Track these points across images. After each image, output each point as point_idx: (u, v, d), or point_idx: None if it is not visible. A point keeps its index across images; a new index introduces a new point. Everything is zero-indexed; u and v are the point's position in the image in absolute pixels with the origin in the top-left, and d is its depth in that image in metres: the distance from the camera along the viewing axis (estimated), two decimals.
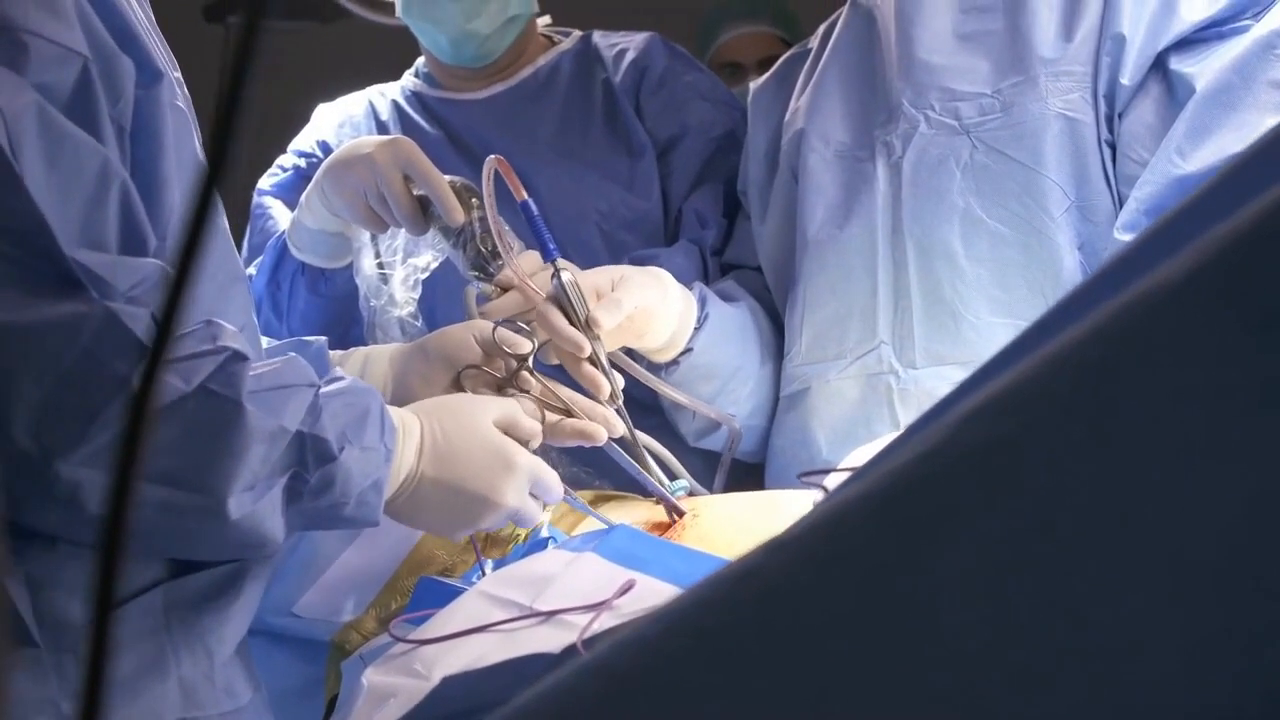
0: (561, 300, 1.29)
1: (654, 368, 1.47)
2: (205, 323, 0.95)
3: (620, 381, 1.31)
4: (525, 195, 1.32)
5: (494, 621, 0.96)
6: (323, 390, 1.01)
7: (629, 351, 1.44)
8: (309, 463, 0.97)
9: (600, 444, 1.25)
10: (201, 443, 0.91)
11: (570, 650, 0.89)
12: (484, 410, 1.14)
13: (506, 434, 1.15)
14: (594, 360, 1.29)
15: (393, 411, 1.08)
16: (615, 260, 1.58)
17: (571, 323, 1.28)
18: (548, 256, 1.31)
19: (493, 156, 1.35)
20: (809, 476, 1.24)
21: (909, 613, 0.45)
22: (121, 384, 0.87)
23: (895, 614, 0.45)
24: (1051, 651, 0.44)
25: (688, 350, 1.45)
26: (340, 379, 1.06)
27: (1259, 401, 0.42)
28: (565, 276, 1.29)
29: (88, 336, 0.86)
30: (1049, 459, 0.44)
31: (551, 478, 1.16)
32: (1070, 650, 0.43)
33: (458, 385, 1.27)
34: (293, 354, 1.03)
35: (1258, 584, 0.42)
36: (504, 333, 1.27)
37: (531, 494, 1.15)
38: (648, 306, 1.36)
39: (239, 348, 0.94)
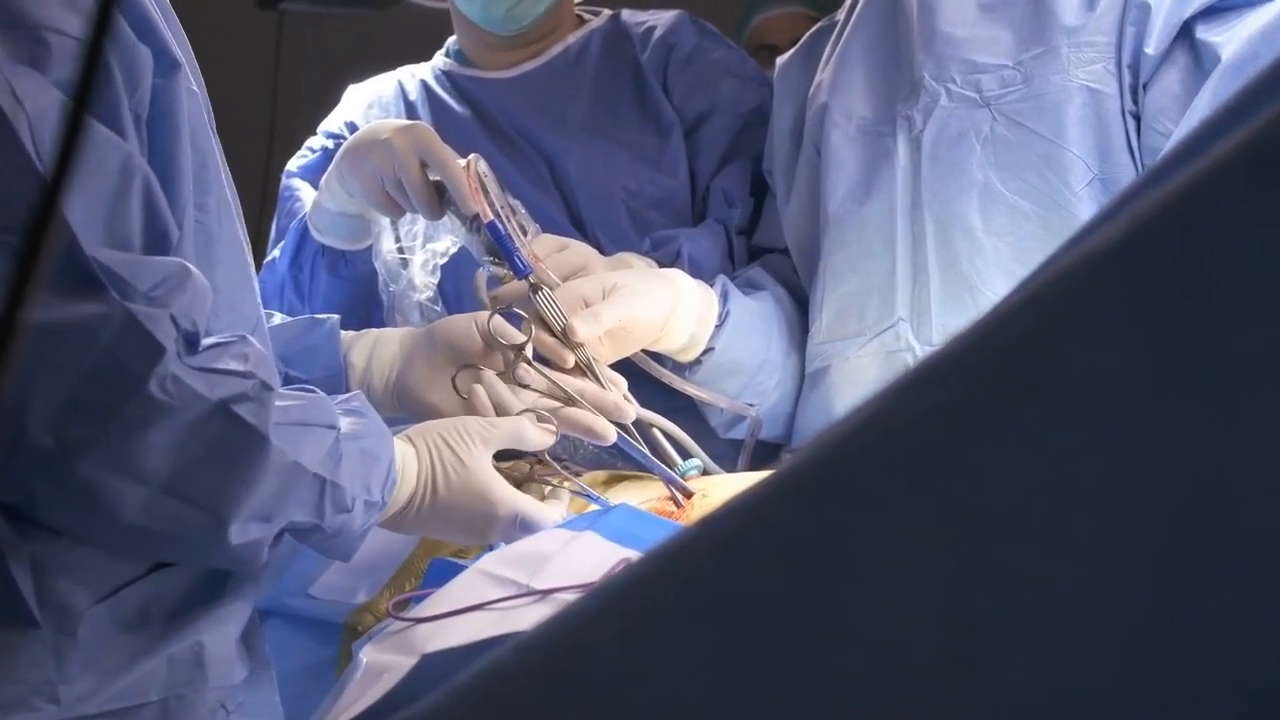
0: (540, 311, 1.30)
1: (678, 367, 1.47)
2: (240, 338, 0.96)
3: (623, 383, 1.32)
4: (490, 215, 1.33)
5: (490, 600, 0.97)
6: (342, 433, 1.02)
7: (652, 353, 1.44)
8: (325, 510, 1.00)
9: (608, 442, 1.25)
10: (219, 466, 0.93)
11: None
12: (486, 443, 1.16)
13: (514, 448, 1.18)
14: (582, 368, 1.29)
15: (397, 449, 1.10)
16: (640, 239, 1.58)
17: (552, 333, 1.30)
18: (520, 274, 1.32)
19: (473, 156, 1.36)
20: (794, 453, 1.23)
21: (837, 591, 0.44)
22: (138, 384, 0.88)
23: (822, 593, 0.45)
24: (982, 628, 0.43)
25: (709, 349, 1.45)
26: (358, 413, 1.08)
27: (1190, 376, 0.41)
28: (542, 293, 1.31)
29: (107, 337, 0.87)
30: (978, 432, 0.43)
31: (540, 515, 1.16)
32: (1001, 627, 0.42)
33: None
34: (318, 393, 1.05)
35: (1193, 569, 0.40)
36: (498, 322, 1.27)
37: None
38: (640, 317, 1.35)
39: (266, 378, 0.95)
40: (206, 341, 0.93)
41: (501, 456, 1.19)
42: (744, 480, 1.30)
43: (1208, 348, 0.40)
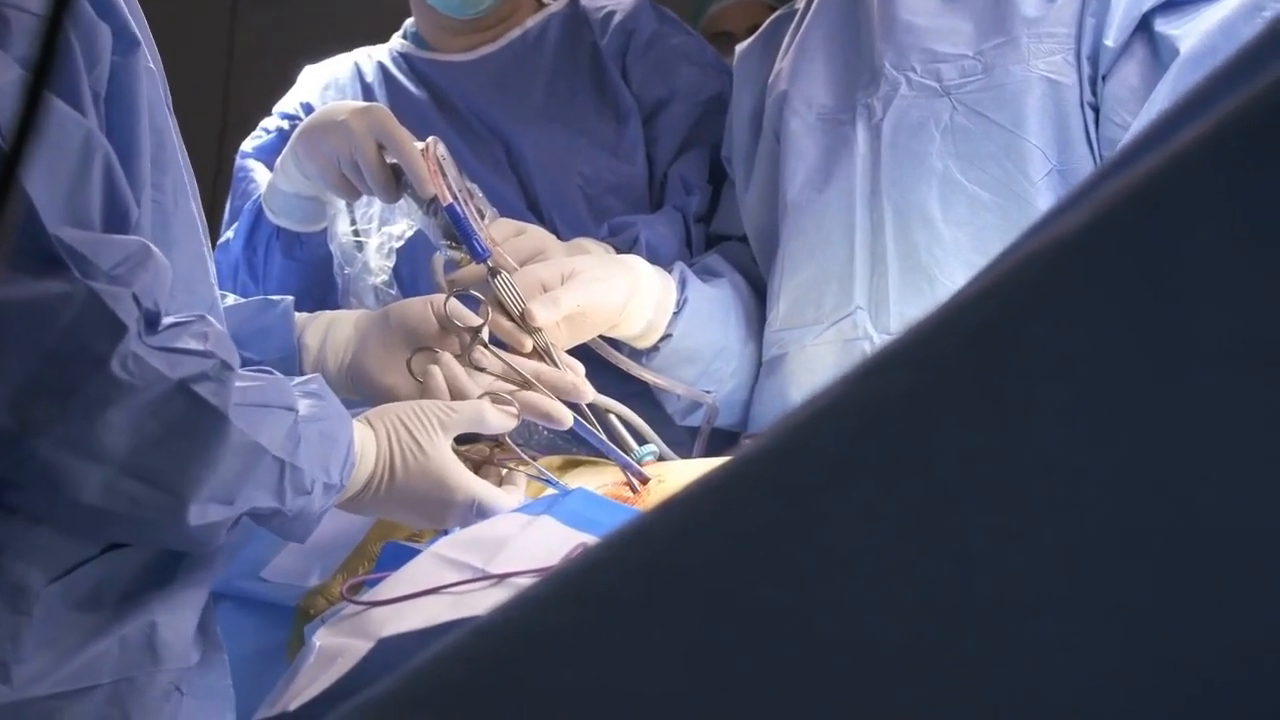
0: (498, 295, 1.29)
1: (635, 353, 1.46)
2: (199, 317, 0.95)
3: (580, 369, 1.31)
4: (449, 198, 1.31)
5: (446, 584, 0.96)
6: (301, 415, 1.02)
7: (611, 339, 1.43)
8: (286, 493, 0.99)
9: (565, 427, 1.25)
10: (180, 445, 0.92)
11: None
12: (445, 427, 1.15)
13: (474, 430, 1.18)
14: (540, 352, 1.29)
15: (356, 432, 1.09)
16: (597, 225, 1.57)
17: (510, 318, 1.29)
18: (479, 258, 1.31)
19: (431, 139, 1.35)
20: (754, 439, 1.23)
21: (793, 579, 0.44)
22: (100, 363, 0.87)
23: (782, 579, 0.44)
24: (939, 617, 0.42)
25: (667, 336, 1.45)
26: (316, 395, 1.07)
27: (1162, 361, 0.40)
28: (500, 277, 1.30)
29: (69, 316, 0.86)
30: (938, 420, 0.43)
31: (498, 501, 1.16)
32: (959, 616, 0.42)
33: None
34: (276, 374, 1.04)
35: (1148, 564, 0.40)
36: (455, 305, 1.26)
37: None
38: (598, 302, 1.35)
39: (226, 357, 0.94)
40: (166, 321, 0.92)
41: (460, 439, 1.19)
42: (700, 466, 1.30)
43: (1180, 333, 0.40)
